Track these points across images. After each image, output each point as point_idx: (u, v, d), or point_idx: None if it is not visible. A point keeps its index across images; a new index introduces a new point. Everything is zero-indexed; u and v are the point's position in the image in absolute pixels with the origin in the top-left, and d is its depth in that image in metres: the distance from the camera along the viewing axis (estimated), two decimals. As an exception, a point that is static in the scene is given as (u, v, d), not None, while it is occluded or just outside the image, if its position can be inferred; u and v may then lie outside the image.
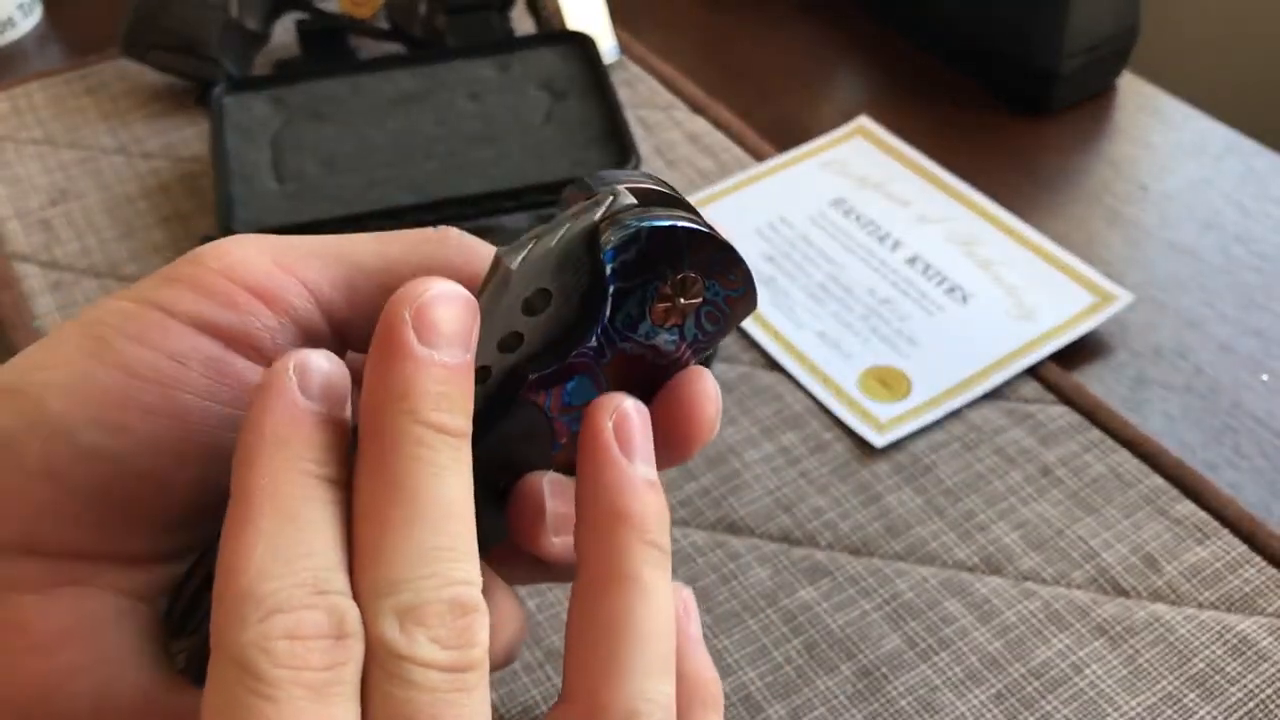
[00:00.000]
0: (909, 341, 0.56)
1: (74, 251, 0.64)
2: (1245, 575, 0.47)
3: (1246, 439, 0.53)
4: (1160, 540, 0.48)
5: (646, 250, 0.27)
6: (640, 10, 0.81)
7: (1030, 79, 0.71)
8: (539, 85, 0.69)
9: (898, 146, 0.67)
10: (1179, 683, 0.44)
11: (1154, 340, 0.58)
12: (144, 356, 0.27)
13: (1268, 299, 0.59)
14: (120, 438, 0.26)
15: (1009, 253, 0.61)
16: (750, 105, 0.73)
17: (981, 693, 0.44)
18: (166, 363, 0.27)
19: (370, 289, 0.29)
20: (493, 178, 0.63)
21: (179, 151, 0.71)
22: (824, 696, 0.44)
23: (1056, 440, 0.52)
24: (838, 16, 0.80)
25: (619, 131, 0.65)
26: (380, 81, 0.69)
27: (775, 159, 0.67)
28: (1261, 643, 0.45)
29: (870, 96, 0.75)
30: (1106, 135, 0.71)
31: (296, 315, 0.28)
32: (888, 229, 0.62)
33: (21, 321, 0.60)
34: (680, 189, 0.29)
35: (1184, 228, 0.64)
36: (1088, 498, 0.50)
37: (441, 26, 0.72)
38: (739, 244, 0.29)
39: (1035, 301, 0.58)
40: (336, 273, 0.29)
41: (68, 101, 0.75)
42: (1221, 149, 0.69)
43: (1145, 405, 0.55)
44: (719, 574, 0.48)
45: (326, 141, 0.66)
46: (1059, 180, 0.68)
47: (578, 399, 0.29)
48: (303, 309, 0.28)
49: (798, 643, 0.46)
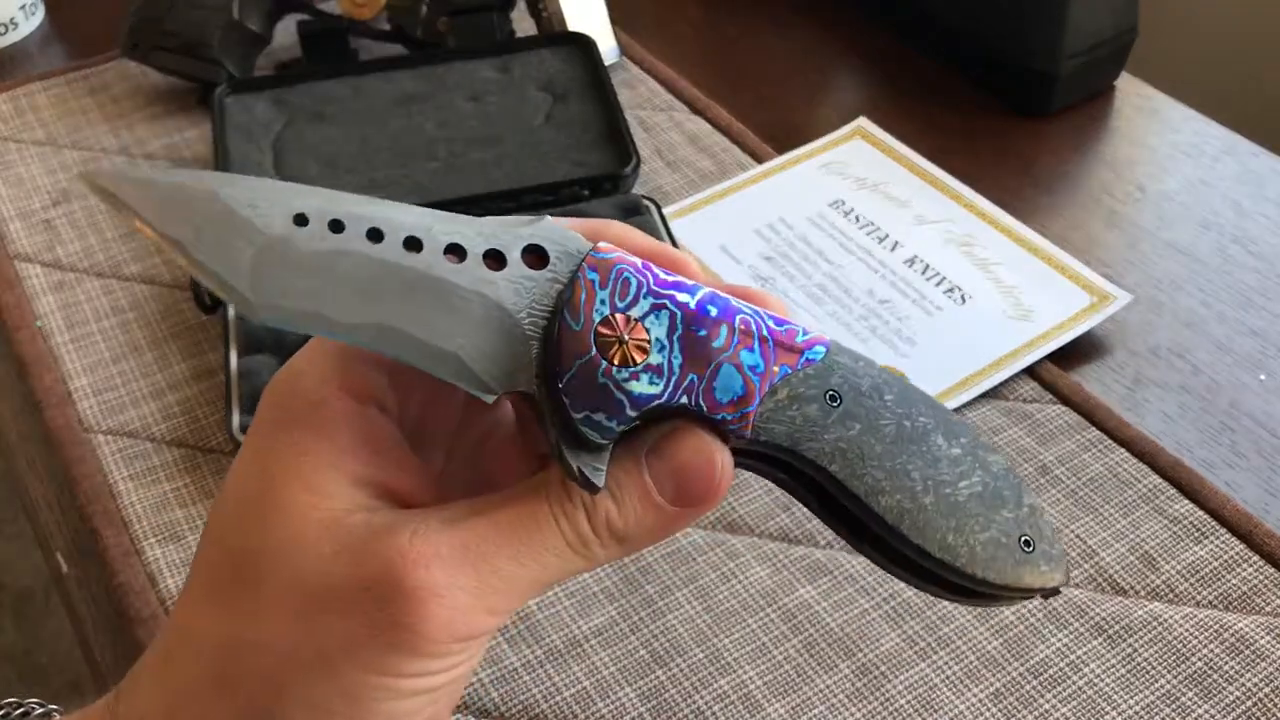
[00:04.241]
0: (908, 341, 0.57)
1: (76, 252, 0.65)
2: (1243, 574, 0.47)
3: (1244, 438, 0.53)
4: (1158, 539, 0.49)
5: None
6: (640, 12, 0.81)
7: (1029, 81, 0.71)
8: (539, 86, 0.69)
9: (896, 148, 0.68)
10: (1177, 681, 0.44)
11: (1152, 340, 0.58)
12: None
13: (1265, 299, 0.60)
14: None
15: (1007, 253, 0.61)
16: (750, 107, 0.73)
17: (980, 691, 0.44)
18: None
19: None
20: (493, 178, 0.63)
21: (181, 152, 0.71)
22: (823, 695, 0.44)
23: (1055, 439, 0.53)
24: (837, 19, 0.80)
25: (619, 133, 0.65)
26: (381, 83, 0.69)
27: (774, 160, 0.68)
28: (1259, 641, 0.45)
29: (869, 98, 0.75)
30: (1104, 136, 0.71)
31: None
32: (887, 230, 0.63)
33: (24, 321, 0.61)
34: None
35: (1182, 228, 0.64)
36: (1086, 497, 0.50)
37: (442, 28, 0.72)
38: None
39: (1033, 302, 0.58)
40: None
41: (70, 102, 0.75)
42: (1219, 150, 0.69)
43: (1143, 405, 0.55)
44: (719, 573, 0.48)
45: (328, 142, 0.66)
46: (1057, 181, 0.68)
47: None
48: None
49: (797, 641, 0.46)
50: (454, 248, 0.30)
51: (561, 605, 0.47)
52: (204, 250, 0.28)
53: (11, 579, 1.41)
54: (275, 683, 0.29)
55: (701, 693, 0.44)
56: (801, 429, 0.31)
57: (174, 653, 0.30)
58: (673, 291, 0.30)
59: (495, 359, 0.29)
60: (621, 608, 0.47)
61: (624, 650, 0.46)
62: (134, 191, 0.29)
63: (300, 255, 0.29)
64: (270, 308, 0.29)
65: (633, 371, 0.29)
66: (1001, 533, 0.32)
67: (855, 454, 0.31)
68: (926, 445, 0.32)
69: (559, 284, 0.30)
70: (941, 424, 0.32)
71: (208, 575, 0.31)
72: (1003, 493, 0.32)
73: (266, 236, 0.29)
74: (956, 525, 0.31)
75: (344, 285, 0.29)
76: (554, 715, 0.44)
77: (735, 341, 0.30)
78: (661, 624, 0.47)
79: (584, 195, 0.62)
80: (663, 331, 0.30)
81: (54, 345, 0.59)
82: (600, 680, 0.45)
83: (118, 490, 0.52)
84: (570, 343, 0.29)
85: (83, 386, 0.57)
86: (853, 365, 0.32)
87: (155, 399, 0.56)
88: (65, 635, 1.30)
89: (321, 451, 0.30)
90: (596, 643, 0.46)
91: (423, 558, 0.28)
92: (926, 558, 0.31)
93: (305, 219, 0.29)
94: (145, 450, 0.54)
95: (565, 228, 0.31)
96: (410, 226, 0.30)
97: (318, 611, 0.28)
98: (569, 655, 0.46)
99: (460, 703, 0.44)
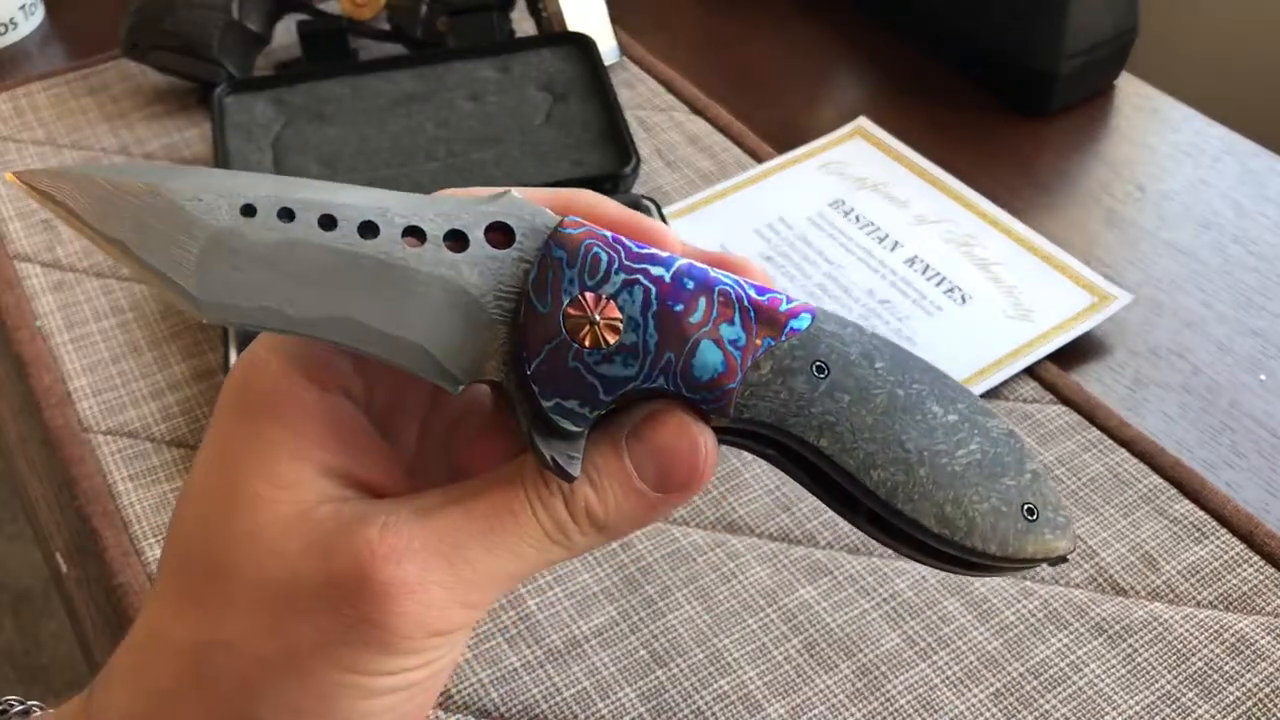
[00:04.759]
0: (908, 341, 0.57)
1: (76, 252, 0.65)
2: (1243, 574, 0.47)
3: (1244, 438, 0.53)
4: (1158, 539, 0.49)
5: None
6: (640, 12, 0.81)
7: (1029, 80, 0.71)
8: (539, 86, 0.69)
9: (896, 148, 0.68)
10: (1177, 681, 0.44)
11: (1152, 340, 0.58)
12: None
13: (1265, 299, 0.60)
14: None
15: (1007, 253, 0.61)
16: (750, 106, 0.73)
17: (980, 691, 0.44)
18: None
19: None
20: (493, 178, 0.63)
21: (180, 152, 0.71)
22: (823, 695, 0.44)
23: (1055, 440, 0.53)
24: (837, 18, 0.80)
25: (619, 132, 0.65)
26: (381, 83, 0.69)
27: (774, 160, 0.68)
28: (1259, 641, 0.45)
29: (869, 98, 0.75)
30: (1104, 136, 0.71)
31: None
32: (887, 230, 0.63)
33: (24, 322, 0.61)
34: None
35: (1182, 228, 0.64)
36: (1086, 497, 0.50)
37: (442, 28, 0.72)
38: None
39: (1034, 302, 0.58)
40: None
41: (69, 102, 0.75)
42: (1219, 150, 0.69)
43: (1143, 405, 0.55)
44: (719, 573, 0.48)
45: (327, 142, 0.66)
46: (1057, 181, 0.68)
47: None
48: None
49: (797, 641, 0.46)
50: (413, 230, 0.28)
51: (561, 605, 0.47)
52: (146, 249, 0.27)
53: (11, 579, 1.41)
54: (249, 684, 0.28)
55: (702, 693, 0.44)
56: (787, 404, 0.29)
57: (146, 653, 0.30)
58: (646, 265, 0.28)
59: (461, 348, 0.28)
60: (621, 608, 0.47)
61: (624, 650, 0.46)
62: (70, 190, 0.27)
63: (248, 248, 0.27)
64: (217, 306, 0.27)
65: (605, 353, 0.28)
66: (1003, 501, 0.30)
67: (845, 427, 0.29)
68: (921, 414, 0.30)
69: (526, 263, 0.28)
70: (936, 389, 0.31)
71: (175, 573, 0.30)
72: (1004, 459, 0.30)
73: (213, 229, 0.27)
74: (954, 497, 0.30)
75: (295, 278, 0.28)
76: (554, 715, 0.44)
77: (715, 315, 0.29)
78: (661, 624, 0.47)
79: (584, 195, 0.62)
80: (636, 309, 0.28)
81: (53, 345, 0.59)
82: (600, 680, 0.45)
83: (117, 490, 0.52)
84: (537, 327, 0.28)
85: (82, 387, 0.57)
86: (840, 332, 0.30)
87: (155, 399, 0.56)
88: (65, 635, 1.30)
89: (285, 441, 0.29)
90: (596, 643, 0.46)
91: (394, 552, 0.27)
92: (924, 531, 0.30)
93: (253, 209, 0.28)
94: (145, 450, 0.54)
95: (532, 201, 0.29)
96: (365, 210, 0.28)
97: (287, 611, 0.28)
98: (569, 655, 0.46)
99: (460, 703, 0.44)
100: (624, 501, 0.29)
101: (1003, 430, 0.31)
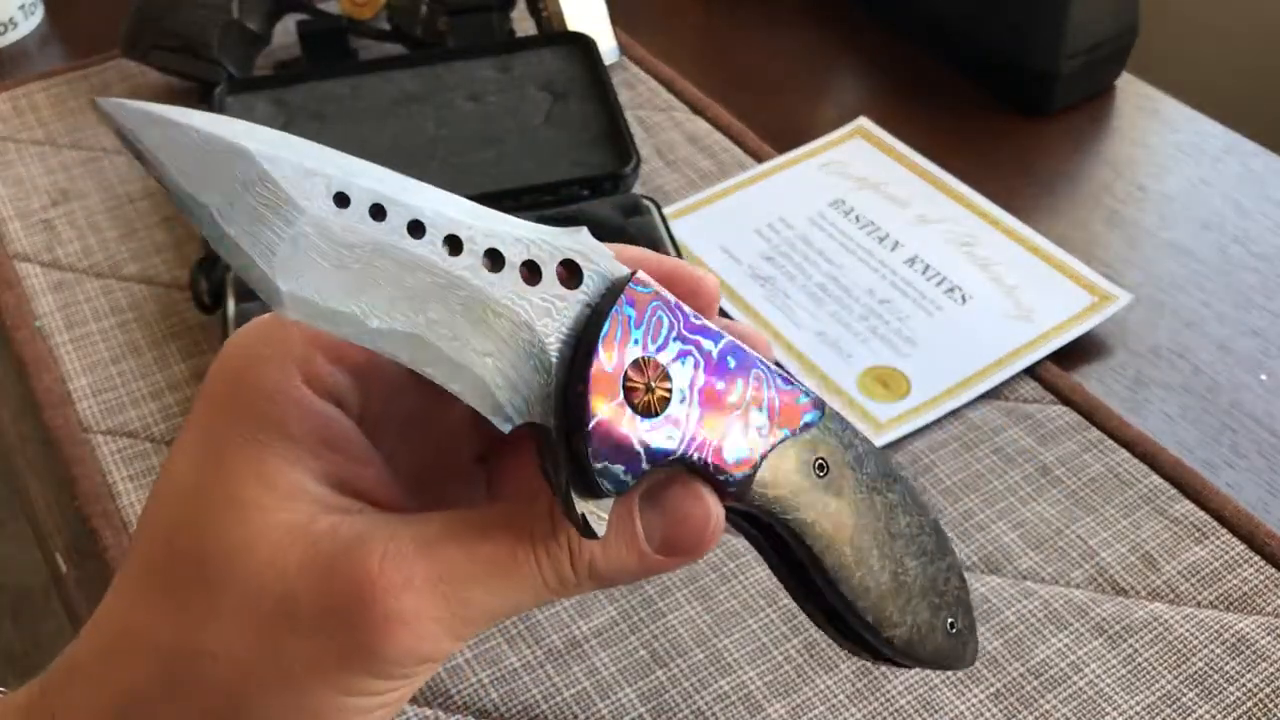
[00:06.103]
0: (908, 342, 0.57)
1: (75, 252, 0.65)
2: (1243, 574, 0.47)
3: (1245, 438, 0.53)
4: (1159, 539, 0.49)
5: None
6: (640, 11, 0.81)
7: (1029, 80, 0.71)
8: (539, 86, 0.69)
9: (897, 147, 0.68)
10: (1177, 682, 0.44)
11: (1152, 340, 0.58)
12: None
13: (1266, 299, 0.60)
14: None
15: (1008, 253, 0.61)
16: (750, 106, 0.73)
17: (980, 691, 0.44)
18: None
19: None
20: (493, 178, 0.63)
21: (180, 152, 0.71)
22: (824, 695, 0.44)
23: (1055, 440, 0.52)
24: (838, 18, 0.80)
25: (619, 132, 0.65)
26: (381, 82, 0.69)
27: (775, 160, 0.68)
28: (1260, 642, 0.45)
29: (869, 98, 0.75)
30: (1105, 136, 0.71)
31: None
32: (887, 229, 0.63)
33: (23, 322, 0.61)
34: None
35: (1182, 228, 0.64)
36: (1086, 497, 0.50)
37: (442, 27, 0.72)
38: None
39: (1034, 301, 0.58)
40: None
41: (69, 102, 0.75)
42: (1220, 150, 0.69)
43: (1144, 405, 0.55)
44: (719, 573, 0.48)
45: (327, 142, 0.65)
46: (1058, 181, 0.68)
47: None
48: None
49: (797, 642, 0.46)
50: (492, 253, 0.27)
51: (561, 605, 0.47)
52: (234, 223, 0.25)
53: (11, 579, 1.41)
54: (233, 695, 0.28)
55: (702, 693, 0.44)
56: (786, 496, 0.30)
57: (116, 651, 0.29)
58: (699, 338, 0.28)
59: (517, 385, 0.27)
60: (621, 608, 0.47)
61: (624, 650, 0.46)
62: (160, 139, 0.25)
63: (339, 245, 0.25)
64: (299, 302, 0.25)
65: (654, 423, 0.27)
66: (934, 614, 0.33)
67: (831, 527, 0.31)
68: (888, 522, 0.32)
69: (589, 309, 0.28)
70: (905, 499, 0.33)
71: (154, 571, 0.29)
72: (944, 572, 0.34)
73: (306, 217, 0.25)
74: (901, 605, 0.32)
75: (382, 286, 0.26)
76: (554, 715, 0.44)
77: (748, 399, 0.29)
78: (662, 624, 0.46)
79: (584, 195, 0.62)
80: (685, 381, 0.28)
81: (53, 346, 0.59)
82: (600, 680, 0.45)
83: (117, 491, 0.52)
84: (601, 385, 0.27)
85: (82, 387, 0.57)
86: (841, 434, 0.31)
87: (155, 399, 0.56)
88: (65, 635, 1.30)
89: (284, 447, 0.28)
90: (596, 643, 0.46)
91: (394, 586, 0.27)
92: (871, 631, 0.32)
93: (347, 199, 0.26)
94: (145, 450, 0.54)
95: (600, 244, 0.29)
96: (451, 223, 0.27)
97: (283, 630, 0.28)
98: (569, 655, 0.46)
99: (460, 703, 0.44)
100: (627, 559, 0.30)
101: (945, 541, 0.34)
